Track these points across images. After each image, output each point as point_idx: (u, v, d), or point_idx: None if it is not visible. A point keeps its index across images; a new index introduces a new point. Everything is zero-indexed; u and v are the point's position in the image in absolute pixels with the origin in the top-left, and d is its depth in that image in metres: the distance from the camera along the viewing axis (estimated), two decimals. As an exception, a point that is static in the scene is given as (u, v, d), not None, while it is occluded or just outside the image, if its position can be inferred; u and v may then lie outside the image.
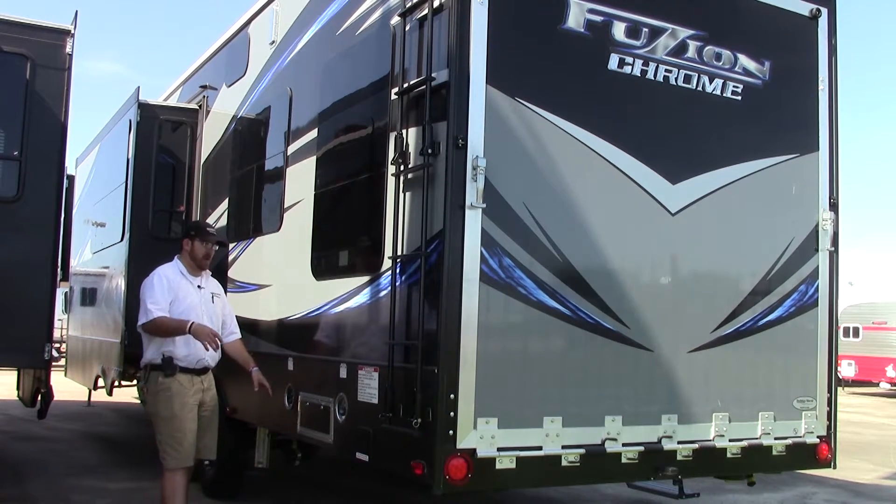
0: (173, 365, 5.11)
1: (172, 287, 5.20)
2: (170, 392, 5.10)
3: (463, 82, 4.32)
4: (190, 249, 5.35)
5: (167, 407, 5.10)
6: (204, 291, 5.38)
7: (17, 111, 6.41)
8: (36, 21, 6.59)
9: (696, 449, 4.91)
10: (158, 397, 5.14)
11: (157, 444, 5.20)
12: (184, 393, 5.12)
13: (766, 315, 5.22)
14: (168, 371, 5.10)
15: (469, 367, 4.22)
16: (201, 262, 5.38)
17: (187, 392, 5.13)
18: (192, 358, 5.16)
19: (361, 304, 5.00)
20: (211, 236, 5.44)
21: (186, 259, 5.37)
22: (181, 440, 5.10)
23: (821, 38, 5.55)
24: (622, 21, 4.84)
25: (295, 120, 6.15)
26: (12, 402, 10.29)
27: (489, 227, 4.33)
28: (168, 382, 5.11)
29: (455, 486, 4.16)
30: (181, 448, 5.11)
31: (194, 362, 5.18)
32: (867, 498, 8.26)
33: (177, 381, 5.11)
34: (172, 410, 5.09)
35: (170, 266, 5.36)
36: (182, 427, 5.10)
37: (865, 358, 24.48)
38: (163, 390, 5.11)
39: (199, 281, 5.38)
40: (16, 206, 6.37)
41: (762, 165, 5.27)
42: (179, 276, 5.29)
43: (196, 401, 5.20)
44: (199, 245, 5.34)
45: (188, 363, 5.16)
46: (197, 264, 5.37)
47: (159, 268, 5.33)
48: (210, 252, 5.42)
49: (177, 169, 8.38)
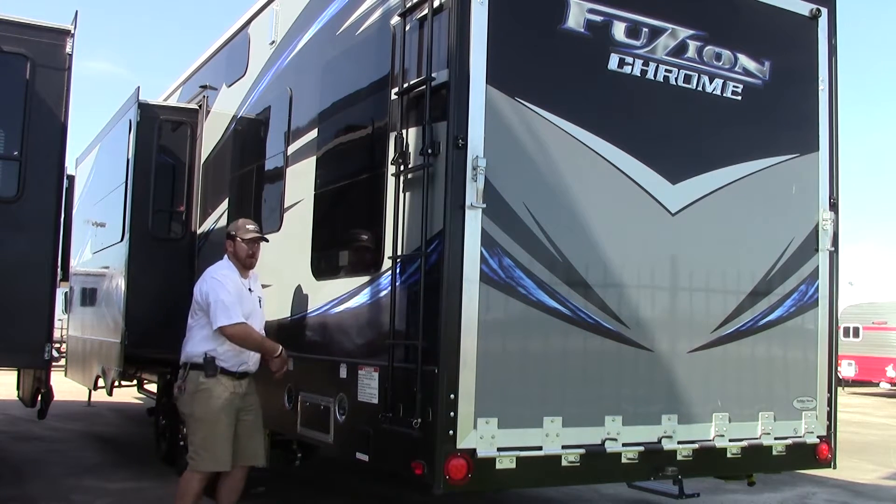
0: (215, 365, 4.98)
1: (238, 290, 5.09)
2: (209, 393, 4.97)
3: (463, 82, 4.32)
4: (233, 250, 5.23)
5: (204, 408, 4.97)
6: (253, 295, 5.26)
7: (17, 111, 6.41)
8: (36, 21, 6.58)
9: (696, 449, 4.91)
10: (196, 397, 5.00)
11: (187, 444, 5.12)
12: (223, 396, 4.99)
13: (766, 315, 5.22)
14: (209, 371, 4.96)
15: (469, 367, 4.22)
16: (246, 261, 5.22)
17: (226, 395, 5.00)
18: (236, 361, 5.04)
19: (361, 304, 4.99)
20: (251, 234, 5.26)
21: (233, 260, 5.24)
22: (213, 444, 4.96)
23: (821, 38, 5.55)
24: (622, 21, 4.84)
25: (295, 120, 6.15)
26: (12, 402, 10.29)
27: (489, 227, 4.33)
28: (208, 383, 4.97)
29: (455, 486, 4.16)
30: (211, 453, 4.97)
31: (237, 366, 5.05)
32: (867, 498, 8.26)
33: (217, 383, 4.98)
34: (209, 412, 4.96)
35: (227, 266, 5.21)
36: (215, 431, 4.96)
37: (865, 358, 24.48)
38: (202, 391, 4.98)
39: (248, 283, 5.26)
40: (16, 205, 6.36)
41: (762, 165, 5.28)
42: (236, 277, 5.16)
43: (235, 405, 5.06)
44: (241, 245, 5.21)
45: (231, 365, 5.04)
46: (243, 265, 5.22)
47: (219, 267, 5.20)
48: (255, 251, 5.27)
49: (177, 169, 8.37)
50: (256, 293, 5.32)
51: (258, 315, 5.27)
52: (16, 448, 9.48)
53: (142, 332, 7.65)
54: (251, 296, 5.24)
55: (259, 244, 5.34)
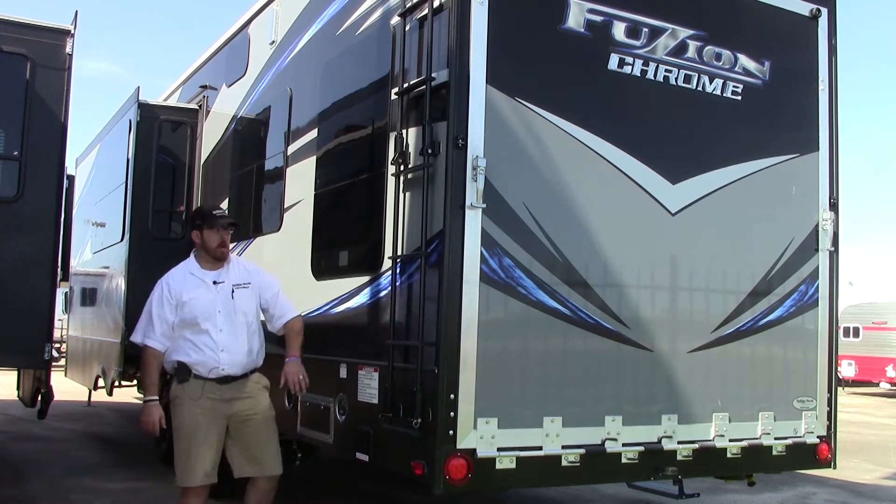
0: (187, 369, 4.62)
1: (174, 293, 4.65)
2: (179, 400, 4.62)
3: (463, 82, 4.32)
4: (201, 242, 4.76)
5: (176, 416, 4.63)
6: (222, 286, 4.73)
7: (17, 111, 6.40)
8: (36, 21, 6.58)
9: (696, 449, 4.91)
10: (173, 406, 4.66)
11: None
12: (194, 402, 4.58)
13: (766, 315, 5.22)
14: (181, 377, 4.63)
15: (469, 368, 4.22)
16: (216, 251, 4.74)
17: (199, 401, 4.58)
18: (202, 366, 4.62)
19: (361, 304, 5.00)
20: (219, 220, 4.79)
21: (201, 254, 4.79)
22: (186, 455, 4.55)
23: (821, 38, 5.55)
24: (622, 21, 4.84)
25: (295, 120, 6.15)
26: (12, 402, 10.29)
27: (489, 227, 4.33)
28: (179, 390, 4.63)
29: (455, 486, 4.16)
30: (183, 465, 4.56)
31: (206, 371, 4.62)
32: (867, 498, 8.26)
33: (191, 389, 4.60)
34: (180, 421, 4.60)
35: (179, 267, 4.83)
36: (190, 442, 4.55)
37: (865, 358, 24.48)
38: (174, 398, 4.65)
39: (216, 275, 4.74)
40: (16, 205, 6.36)
41: (762, 165, 5.27)
42: (186, 276, 4.74)
43: (217, 412, 4.61)
44: (209, 234, 4.73)
45: (201, 371, 4.63)
46: (212, 256, 4.75)
47: (167, 273, 4.83)
48: (224, 238, 4.77)
49: (177, 169, 8.37)
50: (229, 283, 4.75)
51: (226, 309, 4.69)
52: (16, 448, 9.48)
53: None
54: (215, 289, 4.70)
55: (229, 232, 4.86)
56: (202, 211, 5.06)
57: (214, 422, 4.62)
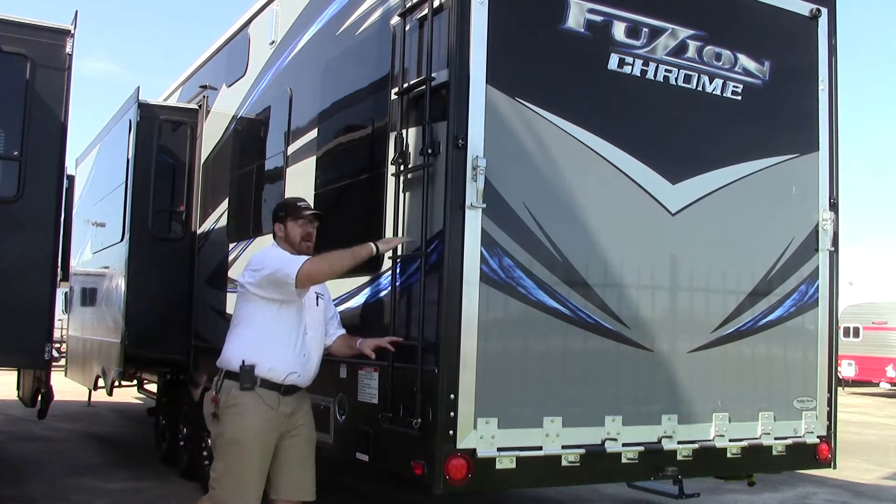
0: (253, 376, 4.11)
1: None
2: (242, 410, 4.10)
3: (463, 82, 4.31)
4: (284, 235, 4.43)
5: (235, 429, 4.10)
6: (308, 291, 4.38)
7: (17, 111, 6.41)
8: (36, 21, 6.58)
9: (696, 449, 4.91)
10: (227, 414, 4.13)
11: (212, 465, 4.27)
12: (260, 415, 4.10)
13: (766, 315, 5.22)
14: (245, 383, 4.09)
15: (469, 368, 4.22)
16: (301, 246, 4.40)
17: (265, 414, 4.12)
18: (280, 371, 4.16)
19: (361, 304, 4.99)
20: (304, 211, 4.47)
21: (285, 247, 4.42)
22: (240, 475, 4.08)
23: (821, 38, 5.55)
24: (622, 21, 4.83)
25: (295, 120, 6.15)
26: (12, 402, 10.29)
27: (489, 227, 4.32)
28: (242, 398, 4.10)
29: (455, 486, 4.16)
30: (236, 486, 4.07)
31: (282, 377, 4.16)
32: (867, 498, 8.26)
33: (255, 399, 4.10)
34: (241, 434, 4.09)
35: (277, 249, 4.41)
36: (246, 459, 4.08)
37: (865, 358, 24.49)
38: (233, 406, 4.12)
39: None
40: (16, 206, 6.36)
41: (762, 165, 5.27)
42: None
43: (276, 427, 4.20)
44: (293, 226, 4.42)
45: (273, 376, 4.16)
46: (297, 251, 4.37)
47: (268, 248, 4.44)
48: (310, 232, 4.47)
49: (177, 169, 8.37)
50: (313, 289, 4.42)
51: (313, 317, 4.41)
52: (16, 448, 9.48)
53: (142, 332, 7.65)
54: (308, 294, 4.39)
55: (315, 224, 4.54)
56: (286, 202, 4.73)
57: (272, 438, 4.21)
